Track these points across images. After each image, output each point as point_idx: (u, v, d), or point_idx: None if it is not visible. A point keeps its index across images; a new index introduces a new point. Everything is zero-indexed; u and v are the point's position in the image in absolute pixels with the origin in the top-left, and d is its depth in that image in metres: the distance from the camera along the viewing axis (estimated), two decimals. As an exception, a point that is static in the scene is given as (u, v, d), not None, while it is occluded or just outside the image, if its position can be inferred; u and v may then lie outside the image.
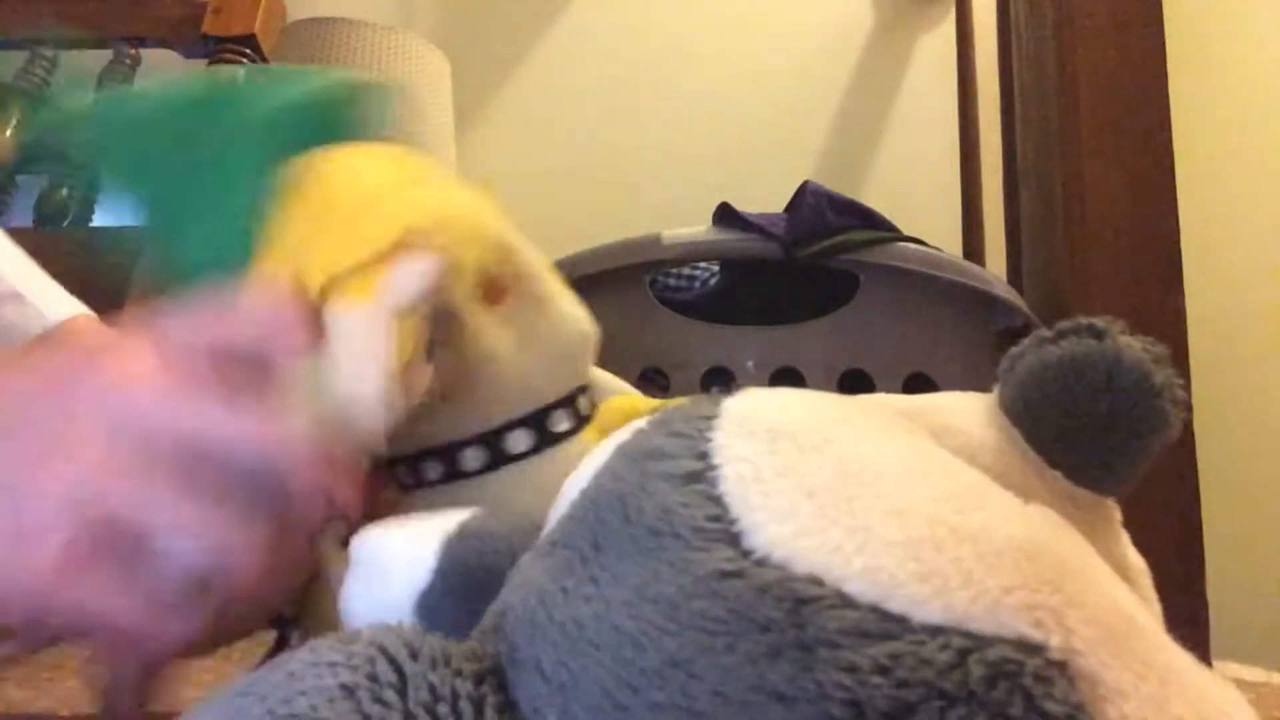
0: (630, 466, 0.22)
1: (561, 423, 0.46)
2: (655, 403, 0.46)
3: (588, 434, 0.47)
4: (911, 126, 1.54)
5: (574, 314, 0.49)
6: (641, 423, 0.24)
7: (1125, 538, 0.29)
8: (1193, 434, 0.87)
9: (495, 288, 0.45)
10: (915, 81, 1.56)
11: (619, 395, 0.50)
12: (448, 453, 0.45)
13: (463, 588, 0.28)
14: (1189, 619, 0.82)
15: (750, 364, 0.92)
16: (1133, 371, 0.26)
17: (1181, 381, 0.27)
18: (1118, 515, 0.29)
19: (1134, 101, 0.95)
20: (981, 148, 1.30)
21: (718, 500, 0.20)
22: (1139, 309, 0.90)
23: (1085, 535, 0.21)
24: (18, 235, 1.24)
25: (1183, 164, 0.94)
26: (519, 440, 0.45)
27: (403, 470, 0.46)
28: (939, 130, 1.44)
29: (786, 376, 0.91)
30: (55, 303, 0.54)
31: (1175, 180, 0.93)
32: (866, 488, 0.19)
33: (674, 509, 0.20)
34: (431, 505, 0.43)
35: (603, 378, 0.51)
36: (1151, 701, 0.17)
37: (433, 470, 0.45)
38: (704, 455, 0.21)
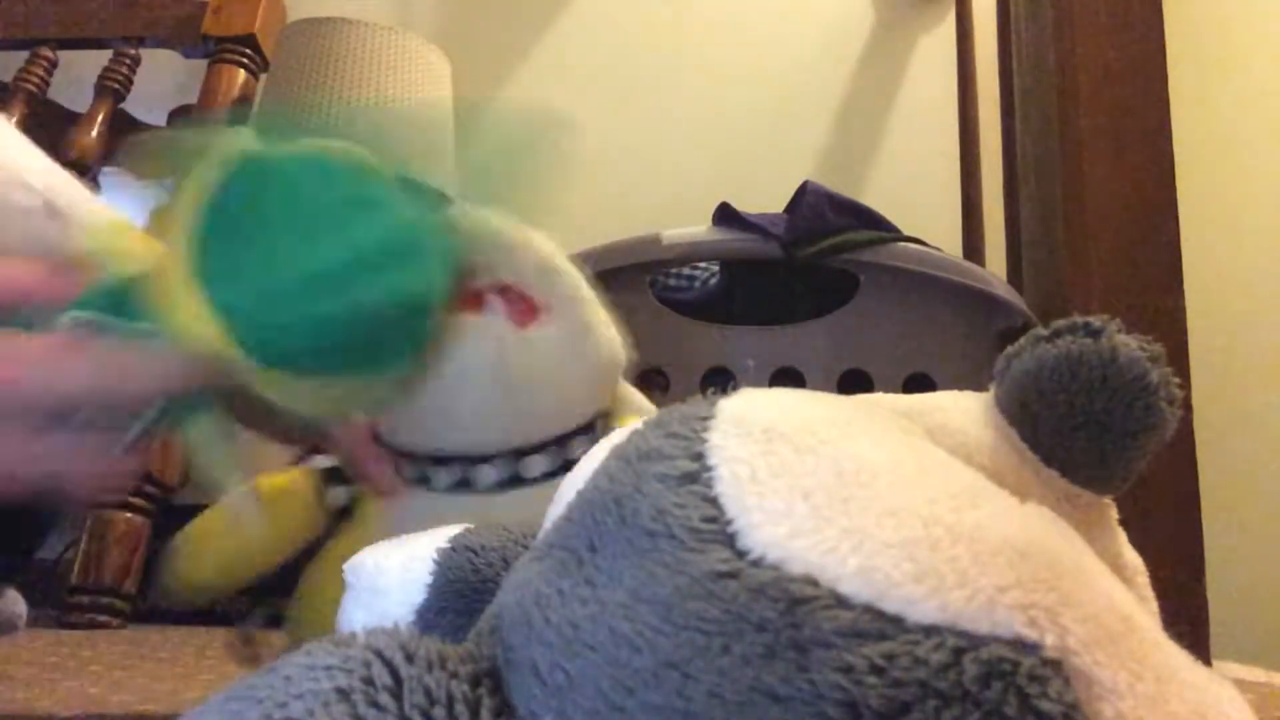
0: (626, 468, 0.22)
1: (578, 450, 0.46)
2: None
3: None
4: (911, 126, 1.54)
5: (610, 339, 0.48)
6: (638, 424, 0.24)
7: (1122, 536, 0.29)
8: (1193, 434, 0.87)
9: (526, 308, 0.45)
10: (915, 81, 1.55)
11: (632, 416, 0.49)
12: (463, 464, 0.45)
13: (459, 601, 0.29)
14: (1189, 619, 0.82)
15: (750, 364, 0.92)
16: (1129, 370, 0.26)
17: (1179, 380, 0.27)
18: (1114, 514, 0.29)
19: (1134, 101, 0.95)
20: (981, 148, 1.30)
21: (713, 501, 0.20)
22: (1139, 309, 0.90)
23: (1082, 534, 0.21)
24: (18, 235, 1.23)
25: (1183, 164, 0.94)
26: (535, 465, 0.45)
27: (408, 466, 0.46)
28: (939, 130, 1.44)
29: (786, 376, 0.91)
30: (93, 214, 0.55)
31: (1175, 180, 0.93)
32: (862, 488, 0.19)
33: (669, 510, 0.20)
34: (435, 511, 0.44)
35: (627, 394, 0.51)
36: (1148, 700, 0.17)
37: (444, 477, 0.45)
38: (700, 456, 0.21)
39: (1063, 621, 0.17)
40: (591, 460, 0.24)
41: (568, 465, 0.45)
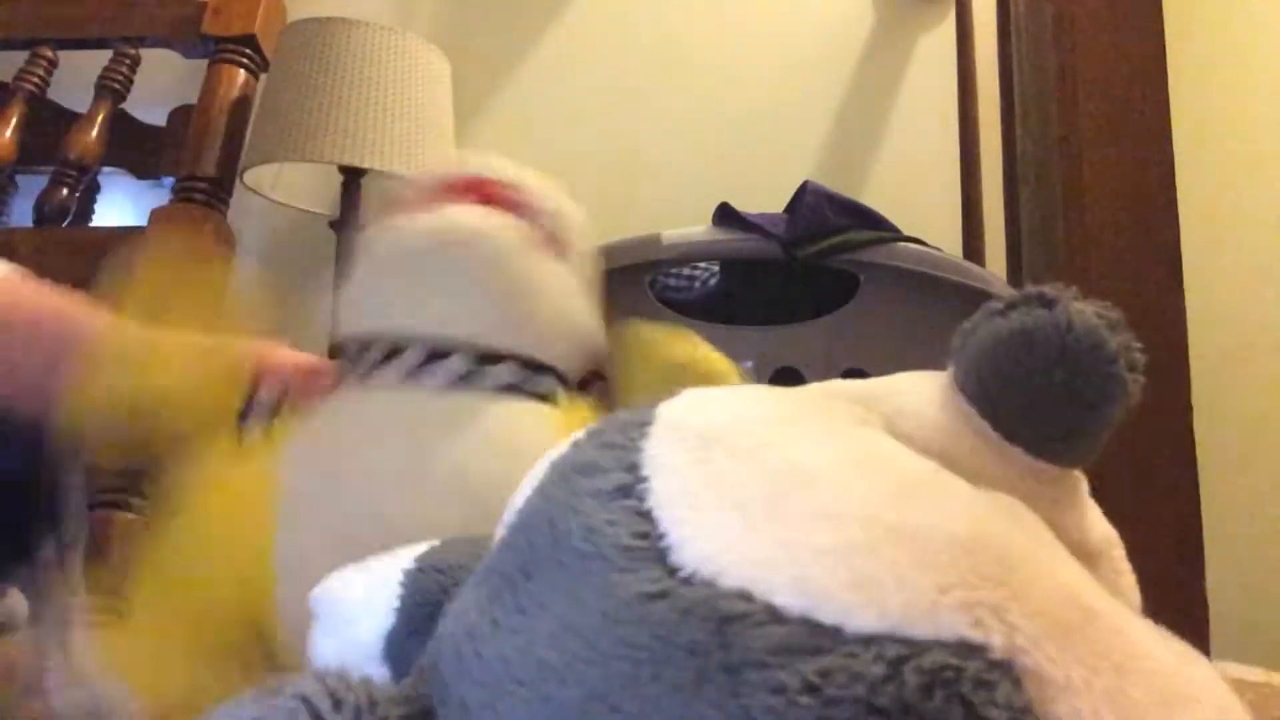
0: (561, 483, 0.21)
1: (541, 385, 0.48)
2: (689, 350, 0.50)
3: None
4: (911, 126, 1.53)
5: (597, 317, 0.52)
6: (580, 433, 0.23)
7: (1093, 509, 0.27)
8: (1193, 434, 0.87)
9: (559, 243, 0.49)
10: (915, 81, 1.55)
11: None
12: (419, 354, 0.46)
13: (428, 624, 0.27)
14: (1189, 619, 0.82)
15: (750, 364, 0.92)
16: (1086, 339, 0.24)
17: (1140, 345, 0.26)
18: (1084, 486, 0.27)
19: (1134, 101, 0.95)
20: (981, 148, 1.30)
21: (646, 515, 0.18)
22: (1139, 309, 0.90)
23: (1047, 510, 0.20)
24: (18, 235, 1.24)
25: (1183, 164, 0.94)
26: (496, 374, 0.47)
27: (360, 357, 0.48)
28: (939, 130, 1.44)
29: (786, 376, 0.91)
30: None
31: (1175, 180, 0.93)
32: (798, 492, 0.18)
33: (600, 528, 0.18)
34: (370, 408, 0.46)
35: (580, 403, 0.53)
36: (1106, 695, 0.16)
37: (397, 368, 0.46)
38: (634, 467, 0.20)
39: (1011, 619, 0.16)
40: (533, 475, 0.23)
41: (526, 388, 0.47)
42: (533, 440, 0.45)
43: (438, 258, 0.46)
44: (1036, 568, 0.17)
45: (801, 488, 0.18)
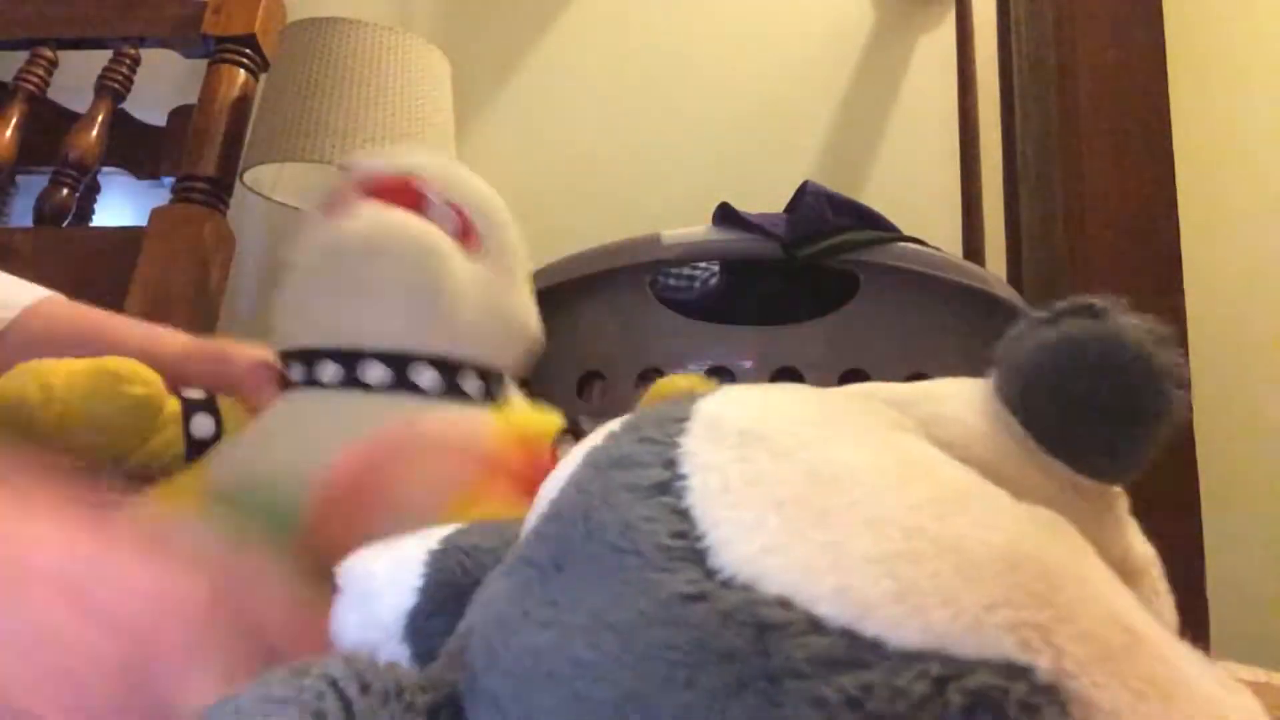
0: (596, 476, 0.20)
1: (467, 383, 0.48)
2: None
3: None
4: (911, 126, 1.53)
5: (526, 309, 0.52)
6: (615, 425, 0.23)
7: (1133, 527, 0.27)
8: (1193, 434, 0.87)
9: (470, 235, 0.48)
10: (915, 81, 1.55)
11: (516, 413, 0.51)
12: (356, 360, 0.46)
13: (451, 604, 0.27)
14: (1189, 619, 0.81)
15: (750, 364, 0.92)
16: (1133, 353, 0.24)
17: (1183, 364, 0.25)
18: (1124, 503, 0.27)
19: (1134, 101, 0.95)
20: (981, 148, 1.30)
21: (684, 514, 0.18)
22: (1139, 309, 0.90)
23: (1088, 525, 0.20)
24: (18, 235, 1.24)
25: (1183, 164, 0.94)
26: (425, 376, 0.47)
27: (297, 367, 0.48)
28: (939, 130, 1.44)
29: (786, 376, 0.91)
30: (20, 293, 0.55)
31: (1175, 180, 0.93)
32: (841, 496, 0.18)
33: (636, 524, 0.18)
34: (322, 406, 0.46)
35: (519, 402, 0.52)
36: None
37: (334, 373, 0.46)
38: (672, 463, 0.19)
39: (1057, 640, 0.15)
40: (567, 465, 0.23)
41: (454, 390, 0.47)
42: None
43: (356, 262, 0.46)
44: (1081, 587, 0.17)
45: (844, 492, 0.18)
